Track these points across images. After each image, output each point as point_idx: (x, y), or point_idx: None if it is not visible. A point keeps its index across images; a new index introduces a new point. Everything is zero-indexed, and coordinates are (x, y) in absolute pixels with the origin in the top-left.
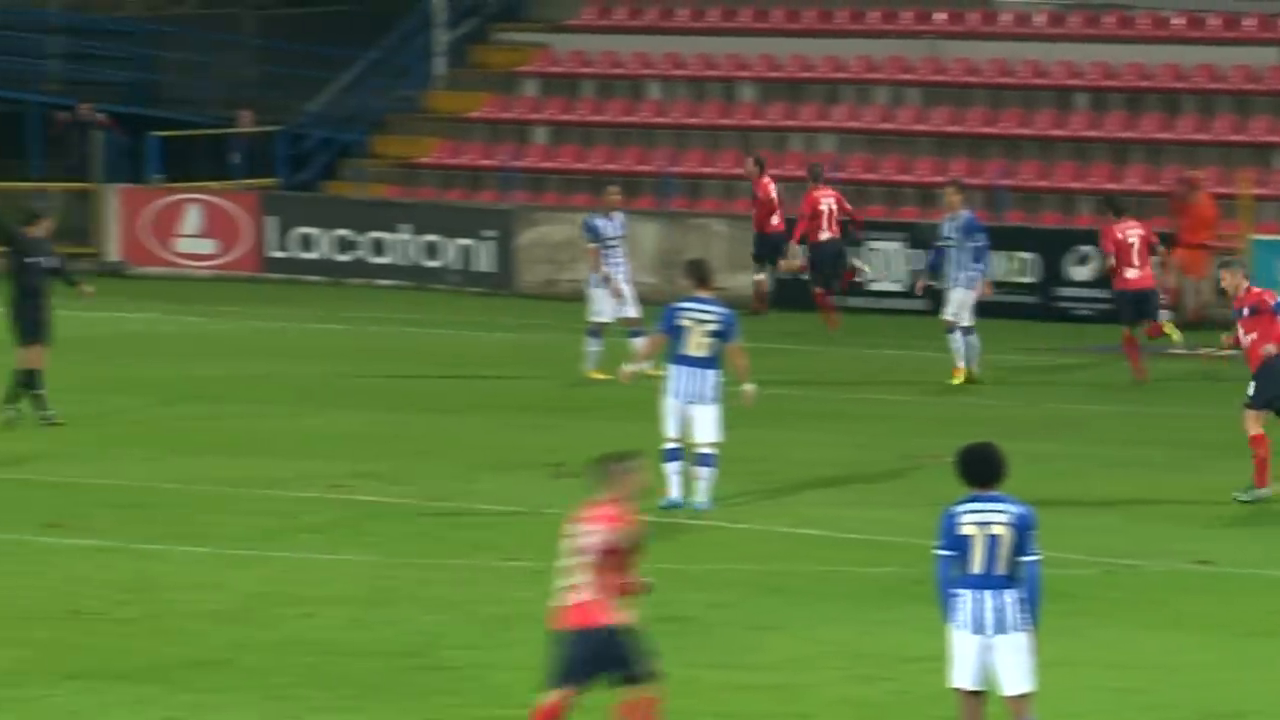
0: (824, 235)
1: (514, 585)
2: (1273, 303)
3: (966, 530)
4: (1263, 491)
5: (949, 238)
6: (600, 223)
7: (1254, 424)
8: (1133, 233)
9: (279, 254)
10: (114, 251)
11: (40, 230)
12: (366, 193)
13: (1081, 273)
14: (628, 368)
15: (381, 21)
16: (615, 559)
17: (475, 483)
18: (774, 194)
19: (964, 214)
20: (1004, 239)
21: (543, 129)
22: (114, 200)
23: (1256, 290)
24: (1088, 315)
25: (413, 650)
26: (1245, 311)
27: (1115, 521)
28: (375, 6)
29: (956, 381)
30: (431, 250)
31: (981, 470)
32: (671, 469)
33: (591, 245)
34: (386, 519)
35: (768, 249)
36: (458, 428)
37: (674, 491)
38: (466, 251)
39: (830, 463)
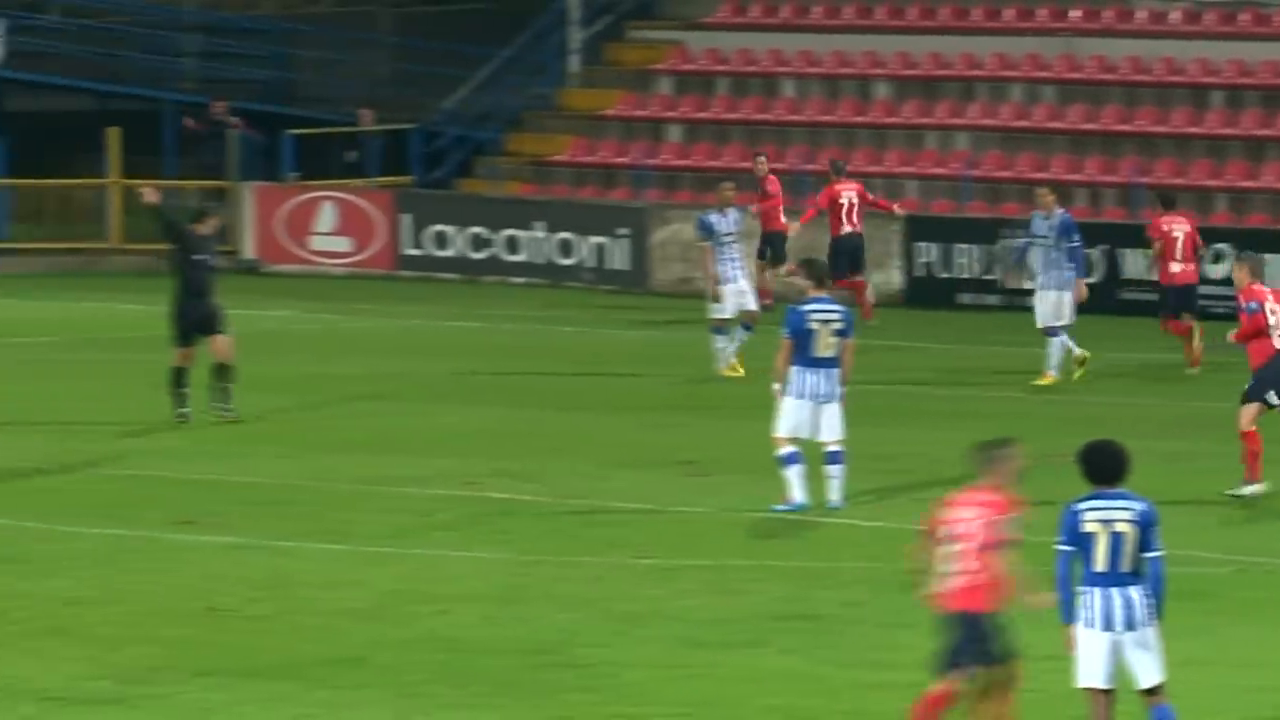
0: (845, 229)
1: (646, 583)
2: (1246, 303)
3: (1089, 527)
4: (1257, 487)
5: (1043, 237)
6: (715, 219)
7: (1247, 420)
8: (1178, 228)
9: (413, 252)
10: (249, 250)
11: (207, 228)
12: (501, 190)
13: (1217, 270)
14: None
15: (516, 19)
16: (996, 544)
17: (608, 480)
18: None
19: (1060, 213)
20: (1140, 237)
21: (677, 126)
22: (249, 198)
23: (1255, 288)
24: (1223, 313)
25: (545, 648)
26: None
27: (1250, 519)
28: (510, 4)
29: (1042, 383)
30: (565, 248)
31: (1104, 467)
32: (795, 472)
33: (706, 243)
34: (520, 516)
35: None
36: (591, 425)
37: (799, 495)
38: (600, 249)
39: (962, 461)
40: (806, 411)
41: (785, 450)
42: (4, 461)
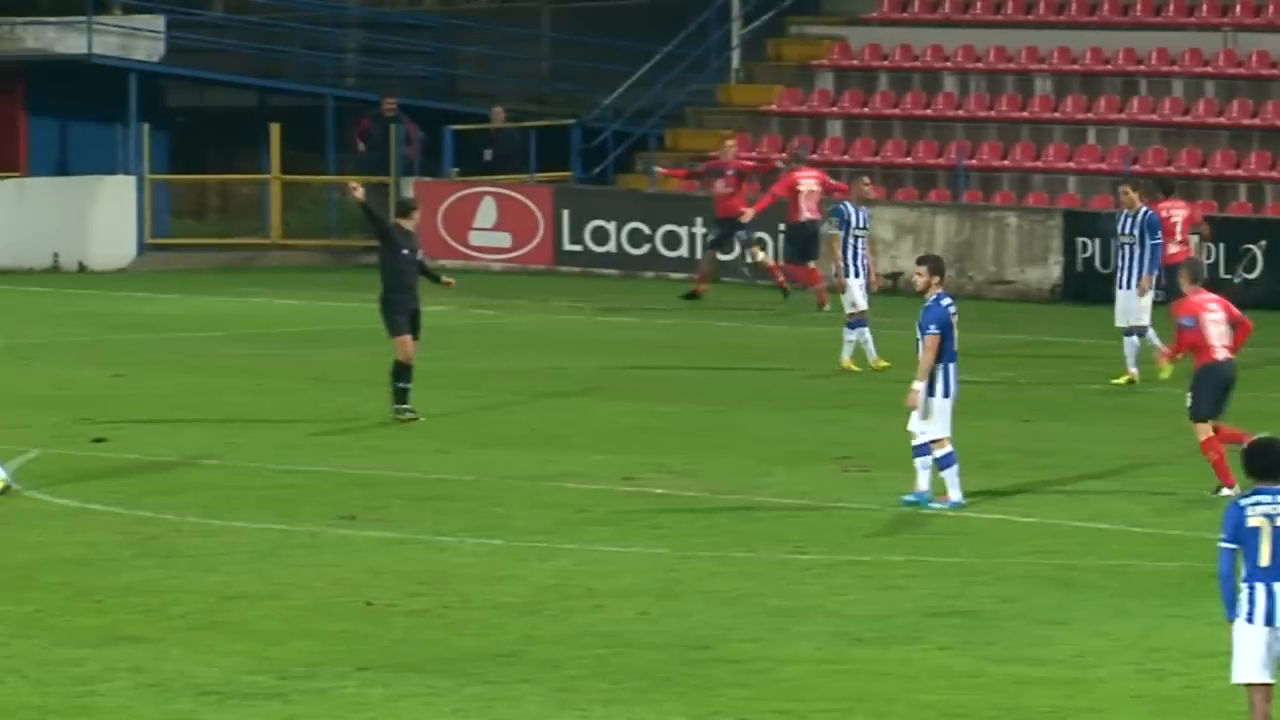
0: (804, 216)
1: (803, 578)
2: (1181, 318)
3: (1254, 523)
4: (1229, 491)
5: (1129, 234)
6: (850, 211)
7: (1202, 432)
8: (1177, 212)
9: (572, 247)
10: None
11: (411, 223)
12: (660, 186)
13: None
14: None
15: (677, 15)
16: None
17: (765, 476)
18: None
19: (1144, 210)
20: None
21: (837, 122)
22: (410, 194)
23: (1192, 300)
24: None
25: (701, 643)
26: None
27: None
28: (672, 0)
29: (1121, 381)
30: (725, 243)
31: (1269, 463)
32: (924, 463)
33: (836, 232)
34: (677, 512)
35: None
36: (748, 421)
37: (925, 485)
38: (761, 245)
39: (1120, 456)
40: (950, 409)
41: (947, 450)
42: (164, 455)
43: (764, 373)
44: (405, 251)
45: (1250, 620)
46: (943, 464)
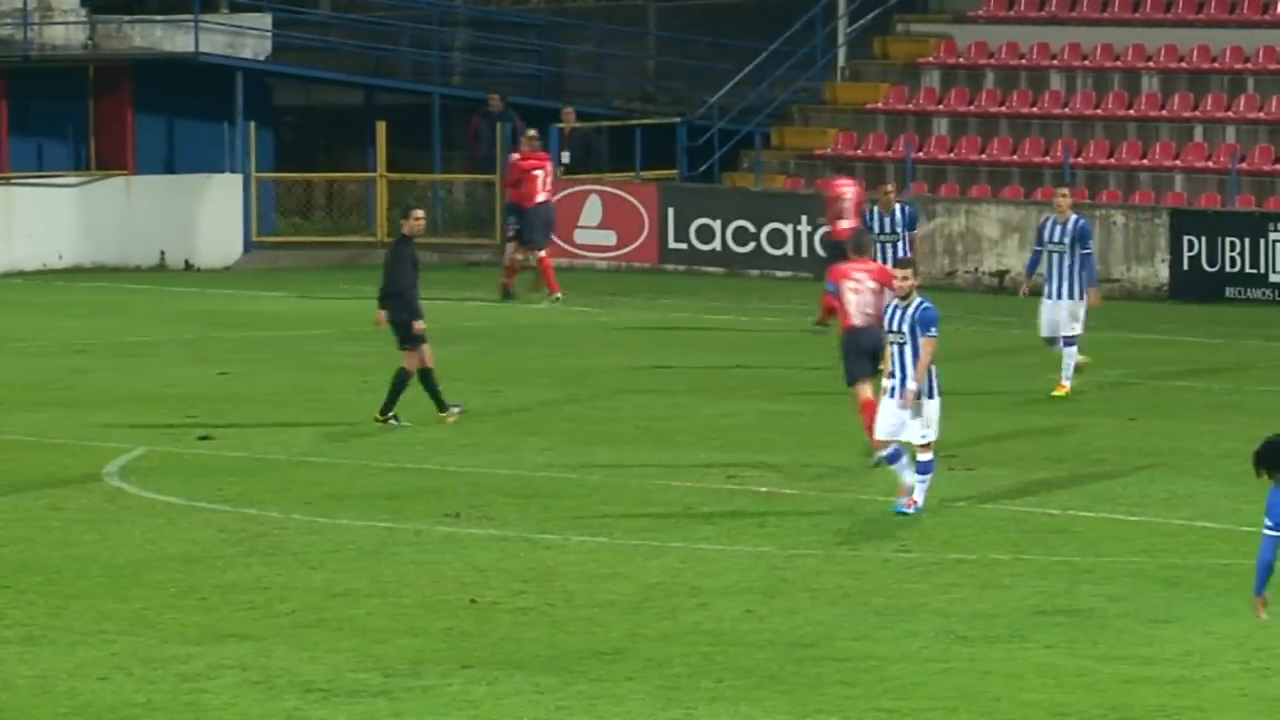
0: (539, 198)
1: (908, 577)
2: (828, 284)
3: None
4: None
5: (1058, 243)
6: (874, 214)
7: (857, 396)
8: (848, 190)
9: (678, 245)
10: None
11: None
12: (765, 184)
13: None
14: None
15: (783, 13)
16: None
17: (872, 474)
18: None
19: (1074, 219)
20: None
21: (943, 120)
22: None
23: (839, 267)
24: None
25: (807, 641)
26: None
27: None
28: None
29: (1061, 394)
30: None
31: None
32: (902, 464)
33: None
34: (782, 510)
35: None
36: (852, 419)
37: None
38: None
39: (1229, 455)
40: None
41: (930, 456)
42: (270, 453)
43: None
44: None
45: None
46: (923, 469)
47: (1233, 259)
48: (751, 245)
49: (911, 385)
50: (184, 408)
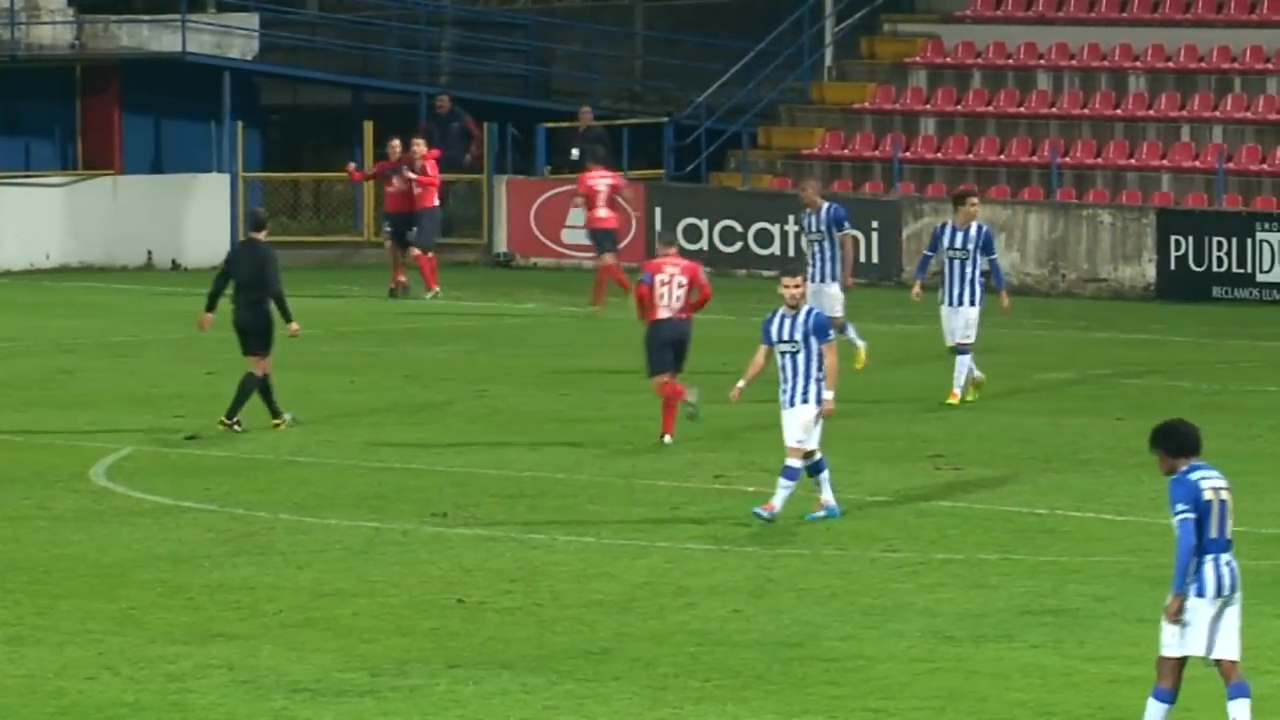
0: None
1: (895, 576)
2: (642, 275)
3: (1209, 495)
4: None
5: (959, 249)
6: (805, 215)
7: (656, 385)
8: (602, 182)
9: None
10: (502, 243)
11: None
12: (752, 184)
13: None
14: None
15: (770, 13)
16: None
17: (858, 474)
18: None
19: (977, 225)
20: None
21: (930, 119)
22: (503, 192)
23: (652, 261)
24: None
25: (794, 641)
26: None
27: None
28: None
29: (953, 402)
30: None
31: (1193, 440)
32: (824, 477)
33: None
34: None
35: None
36: (841, 419)
37: (829, 495)
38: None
39: (1216, 454)
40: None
41: (819, 457)
42: (258, 453)
43: (856, 371)
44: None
45: (1200, 594)
46: (788, 475)
47: (1220, 259)
48: (738, 245)
49: (828, 395)
50: (171, 407)
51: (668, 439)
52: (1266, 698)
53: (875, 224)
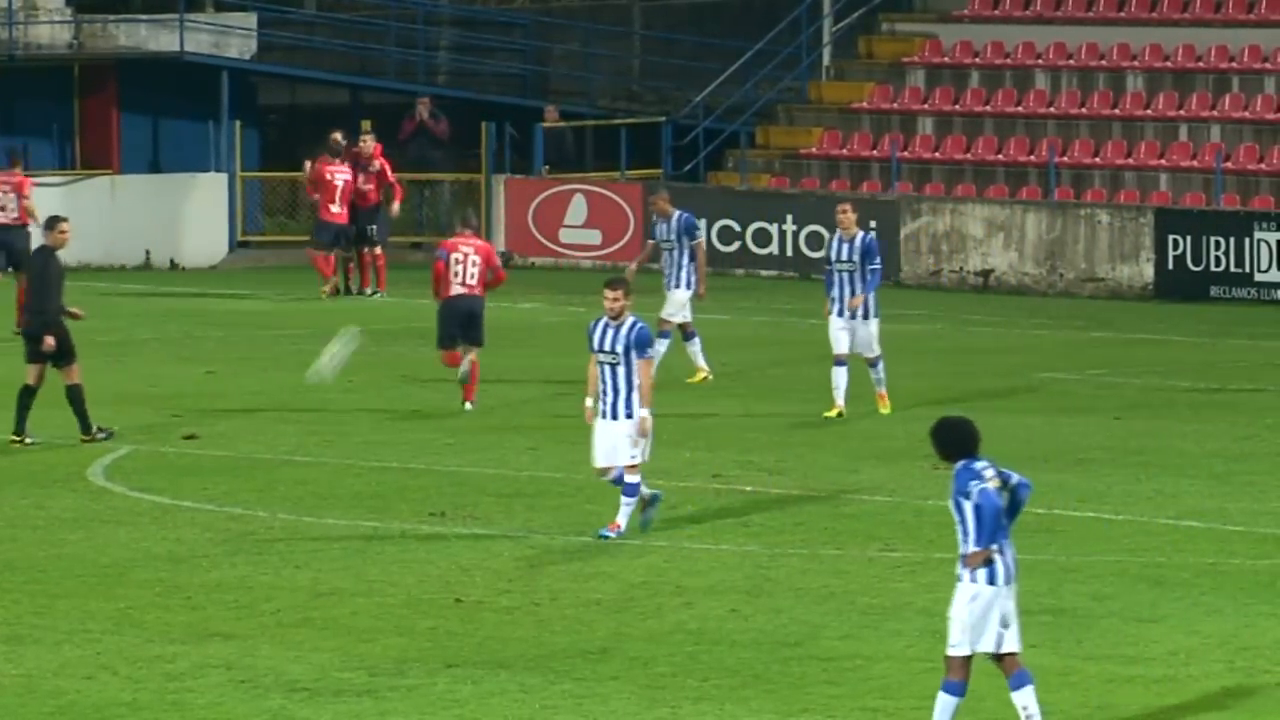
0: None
1: (893, 576)
2: (438, 251)
3: (993, 485)
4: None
5: (847, 260)
6: (658, 223)
7: (444, 358)
8: (340, 176)
9: None
10: (500, 242)
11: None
12: (751, 183)
13: None
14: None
15: (768, 12)
16: None
17: (856, 473)
18: None
19: (861, 234)
20: None
21: (928, 119)
22: (501, 191)
23: (447, 240)
24: None
25: (792, 640)
26: None
27: None
28: None
29: (831, 414)
30: (815, 241)
31: (973, 437)
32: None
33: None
34: (767, 509)
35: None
36: (838, 418)
37: (647, 492)
38: None
39: (1215, 454)
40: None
41: (638, 479)
42: (256, 452)
43: (854, 369)
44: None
45: (992, 581)
46: (628, 491)
47: (1218, 258)
48: (736, 244)
49: (643, 412)
50: (169, 407)
51: (469, 405)
52: (1266, 698)
53: (873, 224)
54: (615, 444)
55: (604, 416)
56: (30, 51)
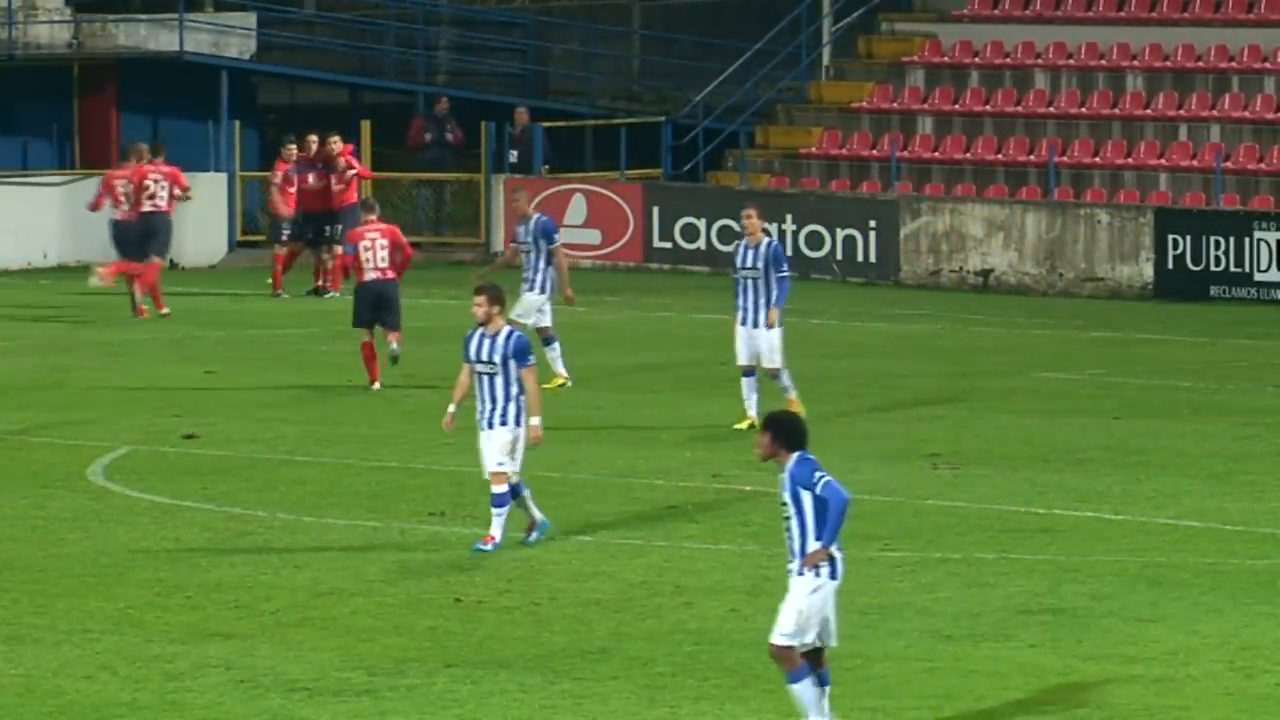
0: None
1: (893, 576)
2: (346, 246)
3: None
4: (375, 386)
5: (751, 268)
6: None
7: (360, 336)
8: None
9: (662, 244)
10: (499, 242)
11: None
12: (750, 183)
13: None
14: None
15: (768, 12)
16: None
17: (856, 473)
18: None
19: (766, 241)
20: None
21: (928, 118)
22: (500, 191)
23: (354, 230)
24: None
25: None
26: None
27: None
28: None
29: (741, 426)
30: (814, 240)
31: (805, 433)
32: (528, 496)
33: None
34: (767, 509)
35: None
36: (839, 418)
37: (538, 514)
38: (850, 241)
39: (1214, 454)
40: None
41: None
42: (256, 452)
43: (854, 369)
44: None
45: (834, 577)
46: (497, 502)
47: (1217, 258)
48: (736, 244)
49: (534, 421)
50: (169, 407)
51: (376, 386)
52: (1265, 697)
53: (873, 223)
54: (501, 449)
55: (485, 427)
56: (30, 51)
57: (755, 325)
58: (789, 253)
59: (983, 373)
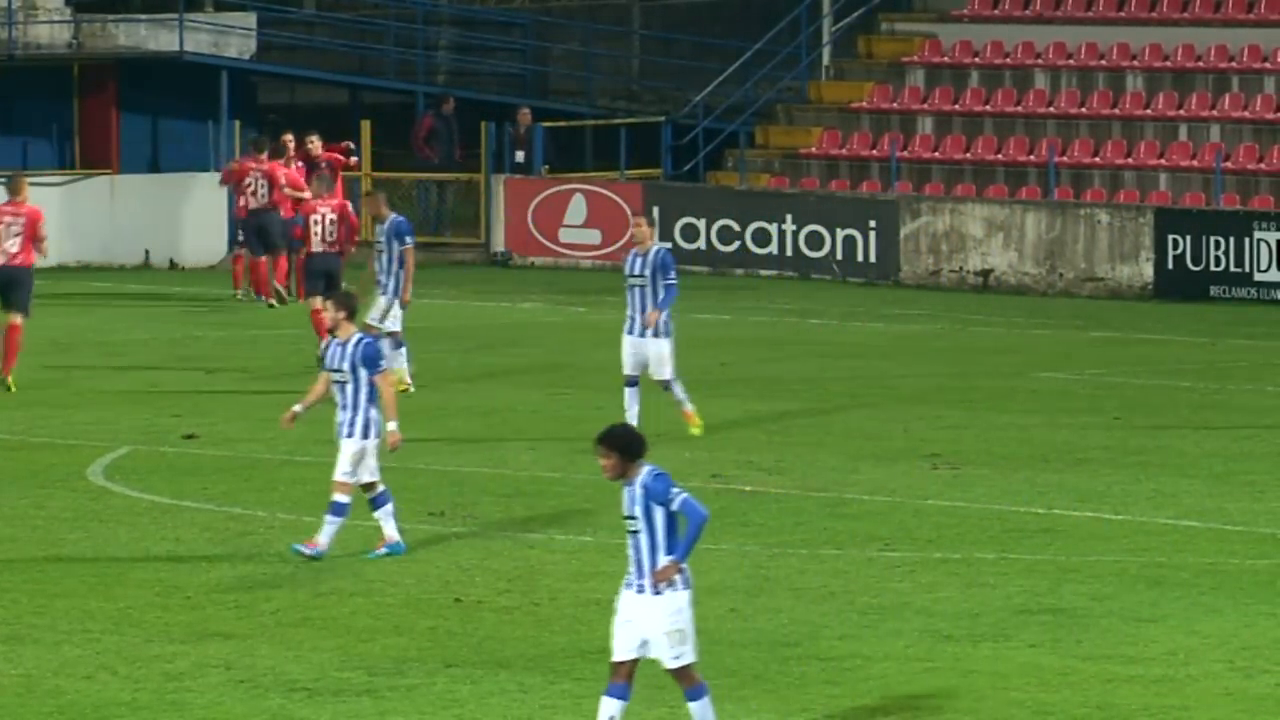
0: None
1: (893, 576)
2: (298, 218)
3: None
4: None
5: (639, 275)
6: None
7: (311, 305)
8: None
9: (662, 244)
10: (500, 242)
11: None
12: (750, 183)
13: None
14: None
15: (768, 12)
16: None
17: (855, 473)
18: None
19: (655, 249)
20: None
21: (928, 119)
22: (500, 191)
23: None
24: None
25: (791, 640)
26: None
27: None
28: None
29: (697, 431)
30: (814, 240)
31: (644, 444)
32: (387, 511)
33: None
34: (766, 509)
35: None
36: (838, 418)
37: (394, 532)
38: (849, 242)
39: (1214, 454)
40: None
41: (382, 490)
42: (256, 452)
43: (854, 369)
44: None
45: (688, 586)
46: (335, 511)
47: (1217, 258)
48: (736, 244)
49: (391, 426)
50: (169, 407)
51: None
52: (1265, 697)
53: (873, 223)
54: (350, 459)
55: (338, 435)
56: (30, 51)
57: (642, 334)
58: (789, 253)
59: (983, 373)
